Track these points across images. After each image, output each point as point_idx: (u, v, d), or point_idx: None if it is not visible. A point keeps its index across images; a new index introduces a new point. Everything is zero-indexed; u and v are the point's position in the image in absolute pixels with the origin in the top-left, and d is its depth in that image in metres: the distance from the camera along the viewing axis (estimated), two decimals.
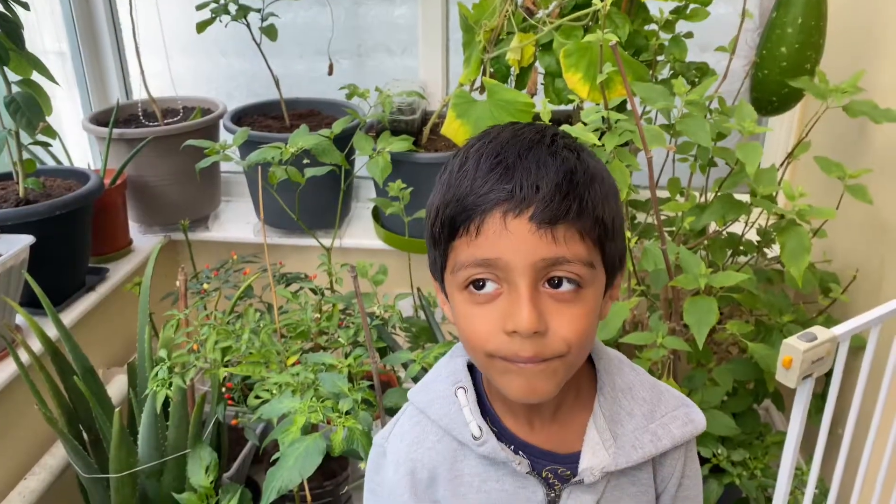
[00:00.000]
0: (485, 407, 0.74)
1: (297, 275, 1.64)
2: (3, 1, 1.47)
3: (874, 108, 1.26)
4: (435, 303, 1.57)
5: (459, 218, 0.63)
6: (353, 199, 2.08)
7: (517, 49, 1.53)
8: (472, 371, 0.76)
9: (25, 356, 1.40)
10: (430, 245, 0.70)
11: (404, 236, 1.69)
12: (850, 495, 1.14)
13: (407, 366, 1.16)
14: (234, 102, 2.06)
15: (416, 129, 1.81)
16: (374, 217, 1.94)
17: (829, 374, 0.96)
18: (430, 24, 1.95)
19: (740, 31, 1.39)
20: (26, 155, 1.66)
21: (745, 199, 1.33)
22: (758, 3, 1.83)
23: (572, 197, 0.61)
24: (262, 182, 1.46)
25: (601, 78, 1.24)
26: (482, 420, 0.72)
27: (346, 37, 2.06)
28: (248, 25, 1.80)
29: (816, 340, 0.84)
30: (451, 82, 2.03)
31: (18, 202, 1.59)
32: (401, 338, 1.52)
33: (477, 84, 1.65)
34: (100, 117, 1.94)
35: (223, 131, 1.91)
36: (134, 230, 1.97)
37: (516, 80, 1.61)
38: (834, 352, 0.87)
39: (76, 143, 2.14)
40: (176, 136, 1.83)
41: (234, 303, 1.42)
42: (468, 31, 1.65)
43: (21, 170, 1.60)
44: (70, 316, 1.63)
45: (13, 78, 1.51)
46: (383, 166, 1.59)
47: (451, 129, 1.49)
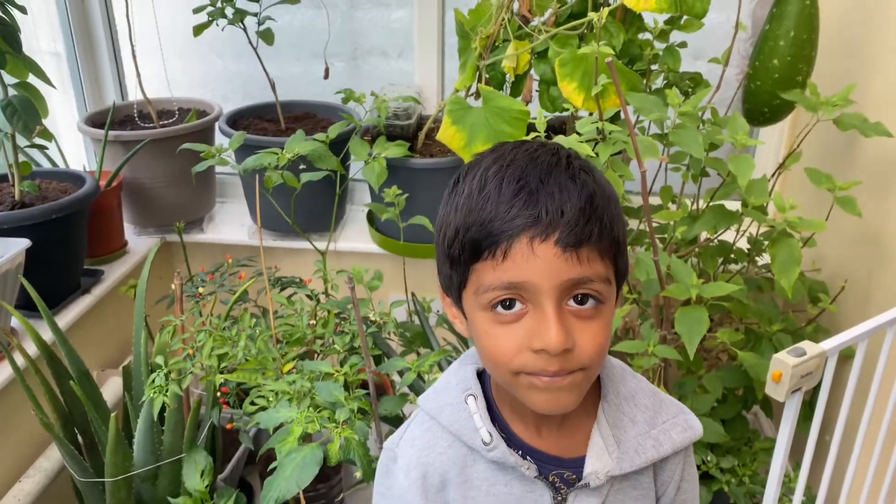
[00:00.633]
0: (493, 413, 0.77)
1: (291, 279, 1.65)
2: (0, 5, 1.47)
3: (864, 121, 1.28)
4: (429, 308, 1.58)
5: (485, 242, 0.65)
6: (348, 201, 2.09)
7: (513, 57, 1.54)
8: (481, 378, 0.79)
9: (21, 359, 1.40)
10: (445, 263, 0.71)
11: (399, 241, 1.70)
12: (837, 502, 1.16)
13: (402, 373, 1.17)
14: (229, 104, 2.07)
15: (412, 133, 1.82)
16: (369, 220, 1.95)
17: (817, 384, 0.98)
18: (425, 28, 1.96)
19: (734, 42, 1.41)
20: (22, 157, 1.66)
21: (737, 206, 1.35)
22: (750, 13, 1.85)
23: (594, 220, 0.64)
24: (259, 189, 1.47)
25: (596, 90, 1.25)
26: (492, 426, 0.74)
27: (342, 40, 2.06)
28: (244, 29, 1.81)
29: (806, 355, 0.86)
30: (447, 87, 2.04)
31: (14, 205, 1.59)
32: (394, 341, 1.53)
33: (472, 90, 1.67)
34: (95, 118, 1.94)
35: (218, 134, 1.92)
36: (128, 231, 1.97)
37: (511, 88, 1.62)
38: (822, 366, 0.89)
39: (70, 144, 2.14)
40: (172, 138, 1.84)
41: (229, 308, 1.43)
42: (464, 37, 1.66)
43: (17, 172, 1.60)
44: (65, 318, 1.63)
45: (9, 81, 1.51)
46: (379, 172, 1.60)
47: (446, 135, 1.50)
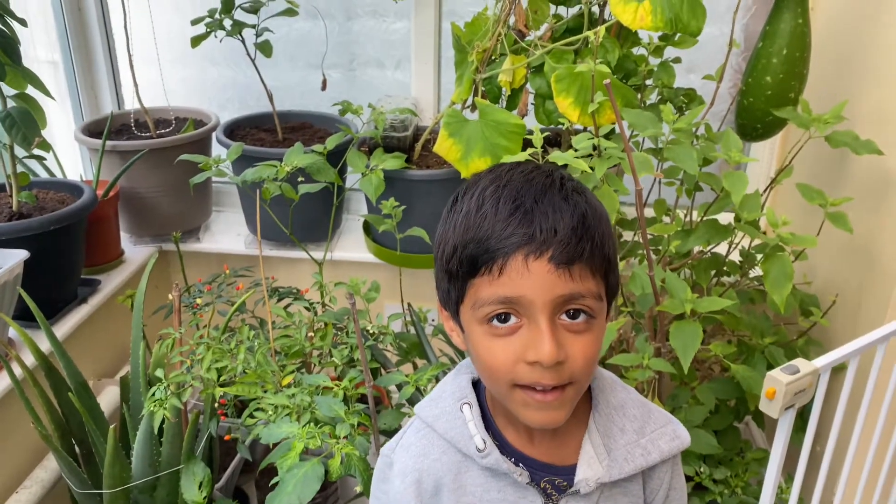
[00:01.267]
0: (487, 421, 0.79)
1: (289, 289, 1.65)
2: None
3: (855, 139, 1.30)
4: (425, 318, 1.60)
5: (482, 259, 0.68)
6: (345, 211, 2.10)
7: (509, 71, 1.56)
8: (476, 387, 0.81)
9: (18, 370, 1.41)
10: (443, 278, 0.74)
11: (396, 251, 1.72)
12: None
13: (401, 386, 1.18)
14: (226, 114, 2.07)
15: (409, 145, 1.83)
16: (365, 230, 1.96)
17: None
18: (422, 40, 1.98)
19: (727, 59, 1.43)
20: (20, 168, 1.66)
21: (729, 219, 1.37)
22: (743, 28, 1.88)
23: (586, 239, 0.68)
24: (259, 201, 1.48)
25: (593, 107, 1.27)
26: (486, 434, 0.77)
27: (339, 51, 2.07)
28: (243, 41, 1.82)
29: (799, 373, 0.87)
30: (443, 98, 2.05)
31: (12, 216, 1.60)
32: (390, 352, 1.54)
33: (469, 103, 1.68)
34: (92, 127, 1.95)
35: (216, 143, 1.92)
36: (125, 241, 1.97)
37: (507, 101, 1.64)
38: (815, 383, 0.91)
39: (67, 152, 2.14)
40: (169, 148, 1.85)
41: (227, 319, 1.44)
42: (460, 50, 1.67)
43: (15, 183, 1.60)
44: (63, 329, 1.64)
45: (8, 92, 1.51)
46: (377, 184, 1.61)
47: (442, 147, 1.52)
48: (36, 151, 1.57)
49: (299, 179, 1.59)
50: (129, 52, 1.88)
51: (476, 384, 0.81)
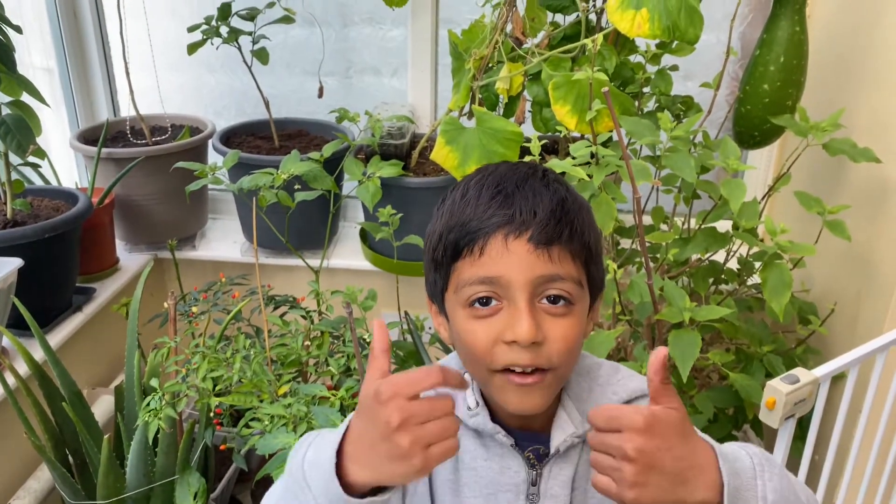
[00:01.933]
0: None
1: (285, 297, 1.65)
2: None
3: (853, 146, 1.30)
4: (422, 327, 1.59)
5: (463, 241, 0.70)
6: (341, 218, 2.09)
7: (506, 79, 1.56)
8: None
9: (12, 380, 1.39)
10: (430, 269, 0.77)
11: (392, 258, 1.71)
12: None
13: None
14: (222, 121, 2.07)
15: (405, 152, 1.82)
16: (362, 238, 1.95)
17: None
18: (419, 47, 1.98)
19: (725, 67, 1.43)
20: (14, 175, 1.65)
21: (727, 226, 1.37)
22: (740, 35, 1.88)
23: (565, 222, 0.70)
24: (255, 209, 1.47)
25: (591, 115, 1.27)
26: (480, 397, 0.78)
27: (336, 58, 2.07)
28: (239, 49, 1.81)
29: (799, 383, 0.87)
30: (440, 105, 2.05)
31: (6, 224, 1.59)
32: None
33: (466, 110, 1.68)
34: (87, 135, 1.94)
35: (212, 150, 1.92)
36: (120, 248, 1.96)
37: (505, 109, 1.63)
38: (815, 393, 0.90)
39: (62, 160, 2.13)
40: (165, 155, 1.84)
41: (223, 328, 1.43)
42: (457, 57, 1.67)
43: (9, 190, 1.59)
44: (57, 337, 1.63)
45: (2, 99, 1.51)
46: (373, 192, 1.61)
47: (440, 154, 1.51)
48: (31, 159, 1.56)
49: (296, 187, 1.59)
50: (124, 59, 1.87)
51: None
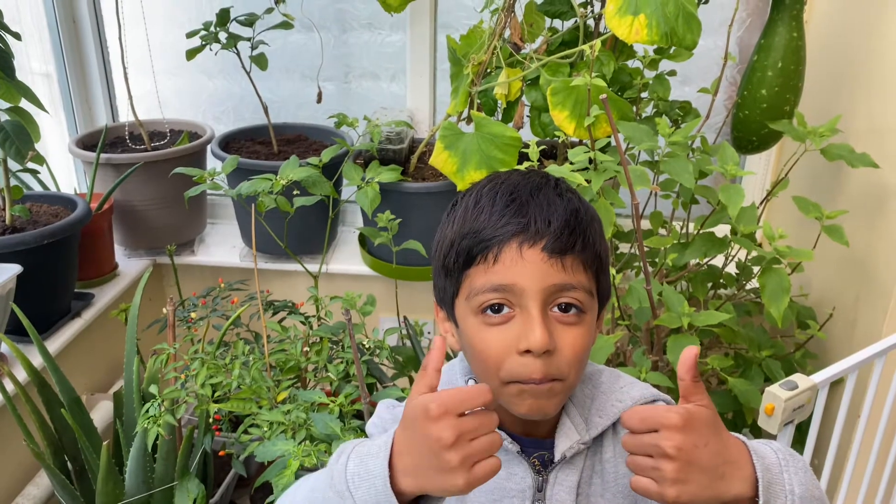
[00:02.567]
0: None
1: (284, 303, 1.65)
2: None
3: (851, 152, 1.30)
4: (421, 332, 1.59)
5: (477, 248, 0.71)
6: (340, 223, 2.09)
7: (504, 84, 1.56)
8: None
9: (10, 386, 1.39)
10: (440, 275, 0.76)
11: (392, 263, 1.71)
12: None
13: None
14: (221, 126, 2.07)
15: (404, 157, 1.83)
16: (361, 243, 1.95)
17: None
18: (418, 53, 1.98)
19: (723, 72, 1.43)
20: (13, 181, 1.65)
21: (726, 230, 1.37)
22: (738, 41, 1.88)
23: (578, 232, 0.71)
24: (254, 214, 1.47)
25: (589, 121, 1.27)
26: None
27: (334, 63, 2.07)
28: (238, 54, 1.81)
29: (797, 389, 0.87)
30: (439, 110, 2.05)
31: (5, 230, 1.59)
32: (386, 366, 1.53)
33: (464, 115, 1.68)
34: (86, 140, 1.94)
35: (210, 156, 1.92)
36: (119, 254, 1.96)
37: (503, 114, 1.64)
38: (814, 399, 0.90)
39: (61, 165, 2.13)
40: (163, 161, 1.84)
41: (222, 334, 1.43)
42: (456, 63, 1.67)
43: (8, 196, 1.59)
44: (55, 343, 1.62)
45: (1, 105, 1.51)
46: (372, 197, 1.61)
47: (438, 160, 1.52)
48: (29, 165, 1.56)
49: (294, 192, 1.59)
50: (123, 65, 1.87)
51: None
